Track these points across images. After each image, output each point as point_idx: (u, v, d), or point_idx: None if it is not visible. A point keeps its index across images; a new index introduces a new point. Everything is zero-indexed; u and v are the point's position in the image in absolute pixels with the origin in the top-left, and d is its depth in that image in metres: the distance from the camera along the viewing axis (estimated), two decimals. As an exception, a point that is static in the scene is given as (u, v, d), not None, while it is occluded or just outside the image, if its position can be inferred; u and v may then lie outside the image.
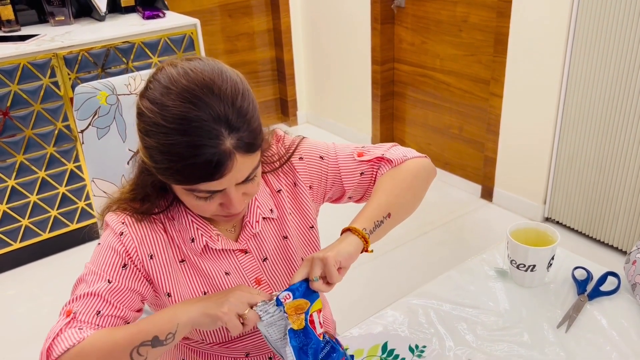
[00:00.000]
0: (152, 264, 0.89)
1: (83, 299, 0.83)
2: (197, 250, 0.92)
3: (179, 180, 0.78)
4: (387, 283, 2.32)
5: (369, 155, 1.03)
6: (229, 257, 0.95)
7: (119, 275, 0.86)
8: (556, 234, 1.10)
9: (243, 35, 3.61)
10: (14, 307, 2.29)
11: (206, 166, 0.75)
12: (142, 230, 0.89)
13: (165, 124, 0.74)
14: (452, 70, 2.95)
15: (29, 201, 2.42)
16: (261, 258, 0.97)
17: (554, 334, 1.01)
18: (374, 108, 3.42)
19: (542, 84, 2.44)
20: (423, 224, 2.72)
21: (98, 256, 0.88)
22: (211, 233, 0.92)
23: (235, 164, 0.76)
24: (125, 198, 0.91)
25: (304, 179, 1.00)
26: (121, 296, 0.85)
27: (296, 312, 0.82)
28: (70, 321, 0.81)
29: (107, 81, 1.24)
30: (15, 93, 2.25)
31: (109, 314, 0.83)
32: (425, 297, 1.11)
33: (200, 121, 0.74)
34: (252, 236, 0.96)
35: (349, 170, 1.03)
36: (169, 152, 0.75)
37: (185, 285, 0.92)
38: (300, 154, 1.01)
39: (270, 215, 0.97)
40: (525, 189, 2.69)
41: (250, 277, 0.96)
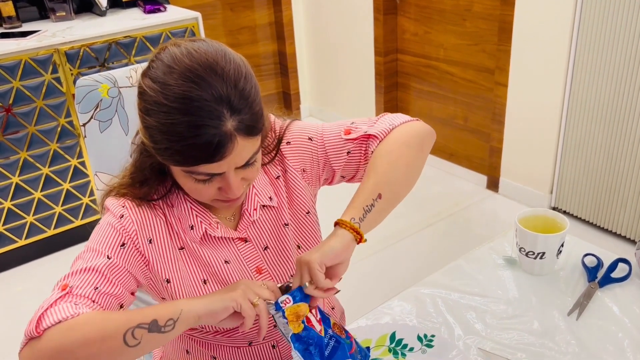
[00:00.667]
0: (151, 249, 0.88)
1: (80, 274, 0.81)
2: (197, 237, 0.91)
3: (178, 161, 0.77)
4: (394, 275, 2.31)
5: (355, 133, 0.99)
6: (229, 245, 0.94)
7: (117, 252, 0.84)
8: (565, 220, 1.09)
9: (245, 28, 3.59)
10: (21, 303, 2.29)
11: (206, 147, 0.73)
12: (142, 214, 0.88)
13: (167, 103, 0.73)
14: (456, 60, 2.93)
15: (33, 198, 2.42)
16: (262, 247, 0.96)
17: (564, 321, 0.99)
18: (377, 100, 3.40)
19: (548, 73, 2.41)
20: (429, 215, 2.70)
21: (97, 234, 0.86)
22: (210, 220, 0.91)
23: (236, 147, 0.75)
24: (124, 183, 0.90)
25: (293, 164, 0.98)
26: (120, 274, 0.83)
27: (297, 318, 0.81)
28: (65, 295, 0.78)
29: (109, 74, 1.23)
30: (17, 89, 2.24)
31: (106, 292, 0.80)
32: (433, 286, 1.10)
33: (202, 101, 0.73)
34: (250, 224, 0.95)
35: (336, 149, 0.99)
36: (169, 131, 0.74)
37: (186, 273, 0.91)
38: (288, 138, 0.99)
39: (269, 203, 0.96)
40: (532, 179, 2.66)
41: (250, 266, 0.95)
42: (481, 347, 0.94)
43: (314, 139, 0.99)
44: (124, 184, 0.90)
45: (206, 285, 0.92)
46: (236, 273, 0.94)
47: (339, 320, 1.19)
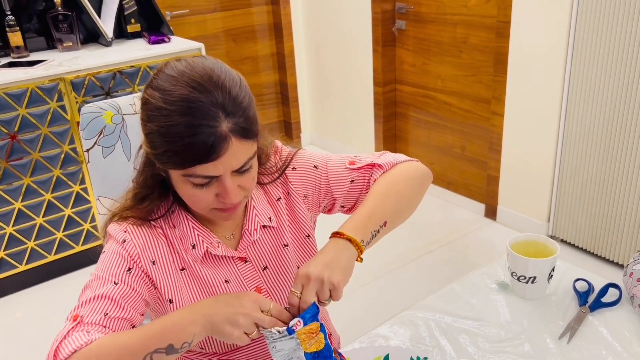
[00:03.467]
0: (154, 270, 0.90)
1: (90, 303, 0.83)
2: (198, 256, 0.93)
3: (176, 162, 0.80)
4: (392, 301, 2.31)
5: (360, 163, 1.04)
6: (229, 264, 0.97)
7: (124, 277, 0.87)
8: (556, 245, 1.11)
9: (247, 59, 3.67)
10: (20, 329, 2.29)
11: (202, 146, 0.77)
12: (144, 237, 0.91)
13: (167, 107, 0.79)
14: (454, 91, 2.98)
15: (35, 223, 2.44)
16: (261, 267, 0.99)
17: (555, 345, 1.01)
18: (376, 129, 3.45)
19: (543, 102, 2.46)
20: (428, 242, 2.72)
21: (102, 262, 0.89)
22: (211, 239, 0.94)
23: (230, 147, 0.79)
24: (126, 205, 0.93)
25: (297, 188, 1.02)
26: (128, 297, 0.85)
27: (311, 335, 0.81)
28: (76, 325, 0.81)
29: (113, 101, 1.27)
30: (23, 117, 2.29)
31: (117, 316, 0.83)
32: (426, 310, 1.12)
33: (199, 103, 0.78)
34: (250, 244, 0.98)
35: (339, 178, 1.03)
36: (168, 132, 0.79)
37: (186, 293, 0.93)
38: (294, 165, 1.03)
39: (269, 223, 0.99)
40: (529, 207, 2.69)
41: (250, 286, 0.98)
42: (473, 370, 0.95)
43: (318, 167, 1.03)
44: (126, 206, 0.93)
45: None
46: (236, 292, 0.94)
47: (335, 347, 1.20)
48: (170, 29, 2.89)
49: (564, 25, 2.28)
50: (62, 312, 2.52)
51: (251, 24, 3.61)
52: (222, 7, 3.45)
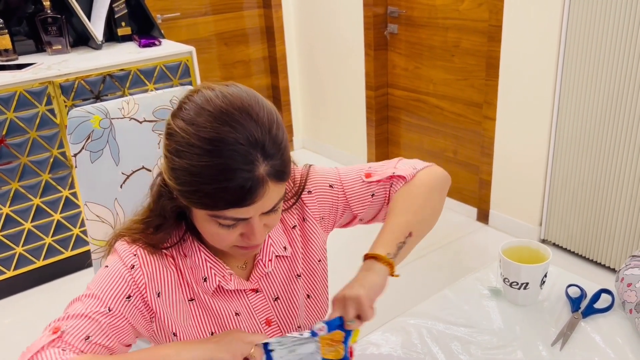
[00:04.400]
0: (159, 302, 0.86)
1: (75, 319, 0.79)
2: (209, 290, 0.89)
3: (206, 204, 0.75)
4: (382, 306, 2.29)
5: (378, 175, 1.00)
6: (240, 297, 0.92)
7: (121, 304, 0.82)
8: (548, 251, 1.10)
9: (239, 62, 3.66)
10: (8, 335, 2.26)
11: (239, 191, 0.72)
12: (154, 265, 0.85)
13: (200, 145, 0.72)
14: (446, 95, 2.98)
15: (23, 228, 2.41)
16: (272, 297, 0.95)
17: (548, 352, 1.00)
18: (369, 132, 3.45)
19: (534, 106, 2.46)
20: (419, 247, 2.69)
21: (103, 280, 0.83)
22: (224, 272, 0.89)
23: (267, 192, 0.75)
24: (137, 228, 0.87)
25: (313, 212, 0.98)
26: (117, 327, 0.81)
27: (332, 343, 0.80)
28: (55, 339, 0.77)
29: (101, 105, 1.25)
30: (11, 121, 2.27)
31: (98, 343, 0.79)
32: (418, 316, 1.11)
33: (237, 144, 0.72)
34: (263, 275, 0.94)
35: (358, 194, 1.00)
36: (200, 173, 0.72)
37: (193, 325, 0.89)
38: (309, 187, 0.98)
39: (283, 253, 0.95)
40: (521, 211, 2.69)
41: (260, 318, 0.94)
42: (465, 378, 0.94)
43: (334, 186, 1.00)
44: (137, 229, 0.87)
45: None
46: (246, 325, 0.92)
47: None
48: (161, 32, 2.87)
49: (556, 29, 2.28)
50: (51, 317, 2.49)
51: (243, 28, 3.60)
52: (213, 10, 3.44)
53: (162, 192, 0.84)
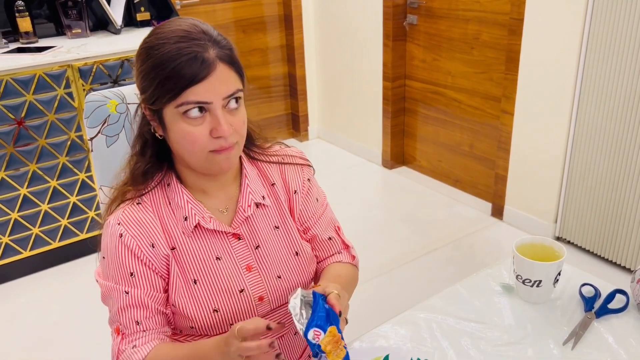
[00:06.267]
0: (154, 253, 0.94)
1: (120, 314, 0.94)
2: (189, 229, 0.96)
3: (169, 89, 0.85)
4: (393, 300, 2.30)
5: (342, 236, 1.15)
6: (222, 240, 0.98)
7: (131, 282, 0.94)
8: (563, 249, 1.09)
9: (256, 50, 3.65)
10: (23, 314, 2.30)
11: (192, 64, 0.84)
12: (139, 221, 0.94)
13: (161, 42, 0.87)
14: (464, 88, 2.95)
15: (40, 210, 2.44)
16: (254, 245, 1.01)
17: (559, 351, 0.99)
18: (384, 124, 3.43)
19: (554, 102, 2.43)
20: (432, 241, 2.70)
21: (109, 269, 0.95)
22: (204, 214, 0.97)
23: (218, 70, 0.86)
24: (125, 180, 0.98)
25: (290, 184, 1.07)
26: (142, 298, 0.93)
27: (335, 346, 0.79)
28: (122, 338, 0.94)
29: (118, 90, 1.25)
30: (30, 103, 2.29)
31: (146, 317, 0.94)
32: (429, 310, 1.10)
33: (189, 33, 0.87)
34: (244, 221, 1.00)
35: (326, 223, 1.11)
36: (161, 61, 0.86)
37: (177, 274, 0.96)
38: (296, 188, 1.07)
39: (262, 201, 1.02)
40: (536, 208, 2.66)
41: (241, 264, 0.99)
42: (474, 374, 0.94)
43: (319, 200, 1.11)
44: (124, 181, 0.99)
45: (196, 285, 0.96)
46: (227, 270, 0.98)
47: None
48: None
49: (579, 23, 2.24)
50: (65, 299, 2.54)
51: (261, 15, 3.59)
52: (232, -3, 3.43)
53: (140, 122, 0.97)
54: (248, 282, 0.99)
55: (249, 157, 1.06)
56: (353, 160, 3.68)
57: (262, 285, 1.00)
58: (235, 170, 1.02)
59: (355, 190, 3.29)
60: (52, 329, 2.20)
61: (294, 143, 3.98)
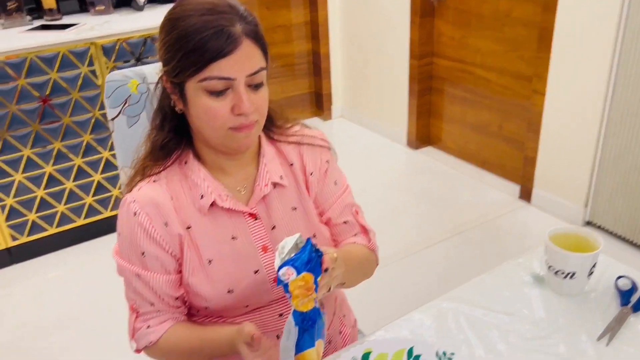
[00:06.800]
0: (168, 231, 0.93)
1: (134, 295, 0.96)
2: (205, 207, 0.94)
3: (193, 62, 0.83)
4: (416, 284, 2.27)
5: (360, 220, 1.10)
6: (238, 220, 0.97)
7: (141, 264, 0.94)
8: (599, 239, 1.04)
9: (280, 27, 3.59)
10: (50, 291, 2.33)
11: (218, 38, 0.82)
12: (153, 202, 0.93)
13: (187, 13, 0.85)
14: (493, 66, 2.86)
15: (65, 187, 2.46)
16: (270, 226, 0.99)
17: (593, 346, 0.94)
18: (410, 103, 3.36)
19: (588, 81, 2.33)
20: (458, 224, 2.65)
21: (123, 249, 0.96)
22: (221, 192, 0.95)
23: (244, 46, 0.84)
24: (144, 155, 0.97)
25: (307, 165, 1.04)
26: (154, 281, 0.94)
27: (306, 291, 0.76)
28: (137, 317, 0.97)
29: (139, 69, 1.23)
30: (54, 81, 2.29)
31: (158, 299, 0.95)
32: (455, 301, 1.06)
33: (216, 6, 0.85)
34: (261, 200, 0.98)
35: (342, 207, 1.07)
36: (187, 33, 0.83)
37: (191, 253, 0.95)
38: (312, 170, 1.04)
39: (280, 181, 1.00)
40: (566, 191, 2.58)
41: (257, 244, 0.97)
42: (503, 369, 0.90)
43: (337, 184, 1.08)
44: (144, 155, 0.98)
45: (211, 265, 0.95)
46: (242, 250, 0.96)
47: (352, 330, 1.17)
48: (202, -5, 2.83)
49: (617, 1, 2.13)
50: (89, 276, 2.57)
51: (285, -9, 3.52)
52: (256, -28, 3.36)
53: (160, 96, 0.96)
54: (263, 263, 0.97)
55: (268, 137, 1.04)
56: (377, 141, 3.63)
57: None
58: (253, 150, 1.00)
59: (379, 171, 3.24)
60: (79, 305, 2.23)
61: (317, 122, 3.93)
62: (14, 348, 2.03)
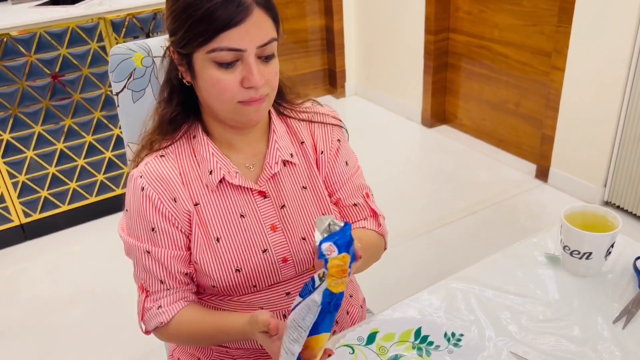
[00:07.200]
0: (176, 207, 0.91)
1: (143, 273, 0.93)
2: (214, 183, 0.92)
3: (201, 33, 0.80)
4: (428, 264, 2.24)
5: (371, 203, 1.06)
6: (246, 197, 0.94)
7: (151, 240, 0.91)
8: (617, 219, 0.99)
9: (292, 2, 3.53)
10: (62, 267, 2.35)
11: (227, 6, 0.79)
12: (160, 177, 0.91)
13: None
14: (511, 42, 2.78)
15: (76, 165, 2.46)
16: (279, 205, 0.96)
17: (609, 329, 0.91)
18: (425, 80, 3.29)
19: (610, 57, 2.25)
20: (472, 203, 2.60)
21: (130, 224, 0.93)
22: (229, 169, 0.93)
23: (254, 15, 0.81)
24: (151, 129, 0.95)
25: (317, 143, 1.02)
26: (164, 257, 0.91)
27: (342, 273, 0.70)
28: (146, 297, 0.94)
29: (143, 42, 1.20)
30: (64, 57, 2.27)
31: (169, 276, 0.92)
32: (466, 281, 1.03)
33: None
34: (271, 178, 0.96)
35: (353, 189, 1.04)
36: (193, 1, 0.80)
37: (199, 231, 0.93)
38: (323, 149, 1.01)
39: (290, 159, 0.97)
40: (585, 170, 2.52)
41: (266, 223, 0.95)
42: (513, 351, 0.87)
43: (349, 164, 1.04)
44: (151, 129, 0.96)
45: (219, 243, 0.93)
46: (251, 229, 0.94)
47: (360, 310, 1.15)
48: (213, -31, 2.77)
49: (643, -30, 2.04)
50: (101, 253, 2.58)
51: (298, -35, 3.45)
52: (268, -54, 3.29)
53: (168, 69, 0.93)
54: (272, 242, 0.95)
55: (278, 112, 1.00)
56: (392, 118, 3.57)
57: (286, 246, 0.95)
58: (263, 125, 0.97)
59: (394, 149, 3.19)
60: (93, 280, 2.24)
61: (331, 100, 3.88)
62: (29, 322, 2.06)
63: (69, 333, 2.00)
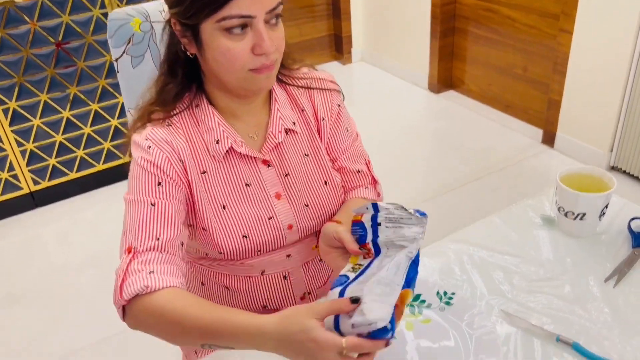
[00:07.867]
0: (183, 168, 0.90)
1: (137, 231, 0.84)
2: (221, 153, 0.92)
3: (208, 2, 0.78)
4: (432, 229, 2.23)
5: (372, 171, 1.08)
6: (251, 166, 0.95)
7: (158, 193, 0.86)
8: (612, 180, 1.00)
9: (297, -33, 3.47)
10: (72, 234, 2.40)
11: None
12: (167, 143, 0.89)
13: None
14: (519, 4, 2.72)
15: (83, 133, 2.48)
16: (283, 173, 0.97)
17: (599, 288, 0.92)
18: (432, 45, 3.24)
19: (618, 19, 2.20)
20: (478, 169, 2.60)
21: (133, 182, 0.88)
22: (235, 138, 0.93)
23: None
24: (151, 100, 0.93)
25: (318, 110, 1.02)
26: (169, 212, 0.85)
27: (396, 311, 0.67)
28: (133, 257, 0.82)
29: (141, 7, 1.19)
30: (67, 25, 2.27)
31: (167, 239, 0.84)
32: (460, 241, 1.05)
33: None
34: (274, 147, 0.96)
35: (355, 155, 1.06)
36: None
37: (206, 197, 0.92)
38: (324, 115, 1.01)
39: (292, 127, 0.97)
40: (591, 135, 2.50)
41: (270, 191, 0.96)
42: (504, 309, 0.89)
43: (349, 130, 1.05)
44: (151, 101, 0.93)
45: (225, 210, 0.93)
46: (256, 197, 0.95)
47: None
48: None
49: None
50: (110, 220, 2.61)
51: None
52: None
53: (169, 42, 0.91)
54: (277, 210, 0.96)
55: (277, 80, 1.00)
56: (398, 84, 3.54)
57: (290, 214, 0.97)
58: (264, 94, 0.97)
59: (400, 115, 3.18)
60: (104, 245, 2.28)
61: (337, 66, 3.84)
62: (42, 288, 2.11)
63: (81, 298, 2.05)
